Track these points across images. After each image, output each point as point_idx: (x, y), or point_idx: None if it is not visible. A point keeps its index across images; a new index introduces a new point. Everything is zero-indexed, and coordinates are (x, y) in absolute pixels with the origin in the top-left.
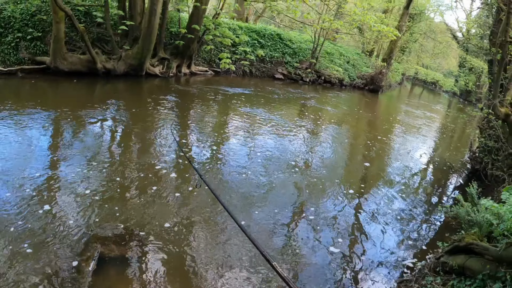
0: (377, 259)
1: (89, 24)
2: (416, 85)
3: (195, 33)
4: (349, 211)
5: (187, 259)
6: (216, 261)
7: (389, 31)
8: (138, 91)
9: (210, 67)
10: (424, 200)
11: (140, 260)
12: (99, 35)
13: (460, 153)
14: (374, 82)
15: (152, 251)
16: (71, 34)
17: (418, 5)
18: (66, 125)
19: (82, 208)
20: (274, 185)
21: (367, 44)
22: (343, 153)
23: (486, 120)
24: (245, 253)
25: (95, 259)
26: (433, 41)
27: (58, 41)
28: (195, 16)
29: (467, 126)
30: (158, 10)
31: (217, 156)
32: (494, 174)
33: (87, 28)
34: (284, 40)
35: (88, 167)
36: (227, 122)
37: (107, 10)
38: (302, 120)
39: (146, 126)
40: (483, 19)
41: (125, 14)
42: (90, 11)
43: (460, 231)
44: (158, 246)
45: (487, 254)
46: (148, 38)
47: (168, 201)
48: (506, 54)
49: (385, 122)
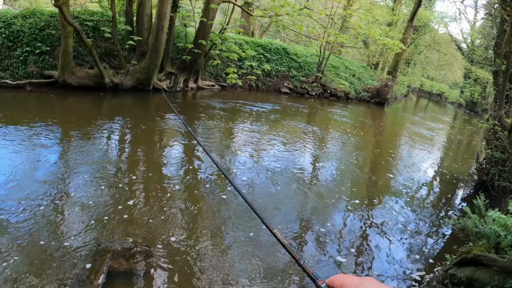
0: (384, 272)
1: (97, 39)
2: (422, 97)
3: (202, 48)
4: (356, 224)
5: (195, 274)
6: (224, 276)
7: (394, 44)
8: (145, 105)
9: (216, 81)
10: (431, 212)
11: (148, 274)
12: (107, 50)
13: (466, 164)
14: (380, 95)
15: (160, 266)
16: (79, 49)
17: (422, 18)
18: (74, 139)
19: (91, 222)
20: (280, 198)
21: (372, 57)
22: (350, 165)
23: (492, 131)
24: (254, 266)
25: (105, 272)
26: (438, 53)
27: (66, 55)
28: (202, 31)
29: (474, 137)
30: (165, 26)
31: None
32: (501, 185)
33: (95, 42)
34: (290, 54)
35: (96, 182)
36: (234, 136)
37: (115, 25)
38: (308, 133)
39: (153, 140)
40: (487, 30)
41: (132, 30)
42: (98, 26)
43: (468, 243)
44: (167, 261)
45: (495, 265)
46: (155, 53)
47: (176, 215)
48: (510, 64)
49: (392, 134)
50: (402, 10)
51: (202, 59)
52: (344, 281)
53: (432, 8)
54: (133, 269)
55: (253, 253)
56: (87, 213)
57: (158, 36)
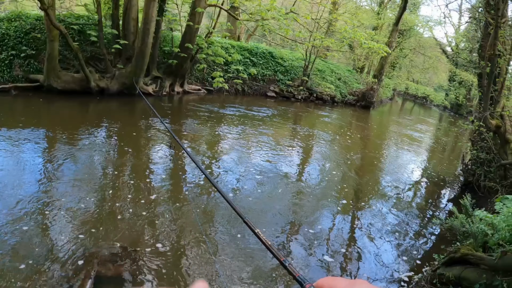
0: (373, 274)
1: (83, 42)
2: (407, 100)
3: (188, 52)
4: (344, 225)
5: (183, 278)
6: (212, 279)
7: (379, 48)
8: (131, 110)
9: (203, 85)
10: (418, 213)
11: (136, 279)
12: (92, 54)
13: (452, 165)
14: (366, 98)
15: (148, 270)
16: (65, 53)
17: (407, 21)
18: (59, 144)
19: (77, 228)
20: (268, 202)
21: (358, 60)
22: (337, 168)
23: (477, 133)
24: (240, 268)
25: (92, 277)
26: (423, 56)
27: (52, 59)
28: (188, 35)
29: (459, 139)
30: (151, 30)
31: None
32: (487, 186)
33: (81, 46)
34: (276, 58)
35: (81, 187)
36: (221, 140)
37: (101, 29)
38: (295, 137)
39: (139, 145)
40: (471, 33)
41: (118, 33)
42: (84, 30)
43: (455, 243)
44: (155, 265)
45: (483, 264)
46: (141, 57)
47: (164, 219)
48: (495, 67)
49: (378, 137)
50: (388, 14)
51: (188, 63)
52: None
53: (417, 12)
54: (121, 274)
55: (241, 256)
56: (73, 218)
57: (144, 40)
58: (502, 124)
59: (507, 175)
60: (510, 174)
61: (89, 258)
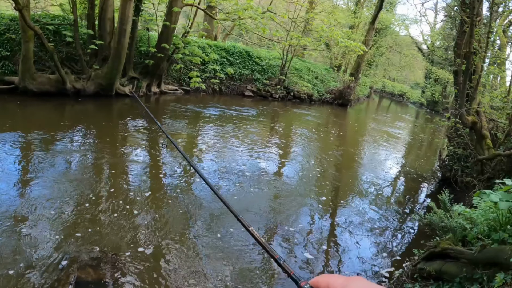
0: (354, 270)
1: (58, 43)
2: (384, 97)
3: (165, 52)
4: (322, 224)
5: (165, 280)
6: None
7: (356, 46)
8: (107, 112)
9: (180, 85)
10: (397, 209)
11: (117, 283)
12: (68, 55)
13: (430, 162)
14: (343, 96)
15: (129, 274)
16: (40, 54)
17: (383, 20)
18: (35, 147)
19: (56, 233)
20: (247, 201)
21: (335, 59)
22: (315, 166)
23: (454, 129)
24: (221, 271)
25: (72, 283)
26: (399, 54)
27: (26, 60)
28: (165, 35)
29: (435, 136)
30: (128, 30)
31: (190, 174)
32: (464, 181)
33: (57, 47)
34: (253, 58)
35: (59, 192)
36: (198, 140)
37: (77, 29)
38: (272, 136)
39: (116, 147)
40: (447, 32)
41: (94, 34)
42: (59, 30)
43: (435, 238)
44: (135, 268)
45: (463, 257)
46: (117, 57)
47: (144, 221)
48: (470, 64)
49: (355, 135)
50: (364, 13)
51: (165, 63)
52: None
53: (393, 11)
54: (101, 278)
55: (223, 256)
56: (51, 223)
57: (121, 40)
58: (478, 120)
59: (484, 170)
60: (486, 169)
61: (68, 264)
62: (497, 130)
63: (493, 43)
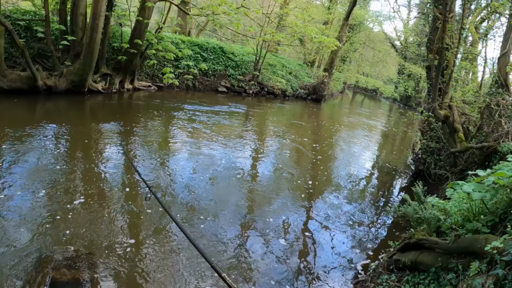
0: (330, 264)
1: (29, 39)
2: (358, 93)
3: (138, 48)
4: (298, 219)
5: (139, 278)
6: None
7: (330, 42)
8: (80, 109)
9: (153, 82)
10: (372, 203)
11: (93, 282)
12: (39, 51)
13: (403, 155)
14: (317, 91)
15: (104, 272)
16: (11, 50)
17: (357, 16)
18: (6, 146)
19: (29, 233)
20: (221, 199)
21: (309, 55)
22: (289, 162)
23: (426, 123)
24: (196, 268)
25: (47, 284)
26: (373, 50)
27: None
28: (138, 30)
29: (409, 130)
30: (100, 25)
31: (165, 172)
32: (437, 173)
33: (28, 43)
34: (227, 53)
35: (31, 190)
36: (172, 138)
37: (48, 24)
38: (246, 132)
39: (89, 145)
40: (420, 28)
41: (66, 29)
42: (30, 26)
43: (410, 229)
44: (110, 267)
45: (438, 247)
46: (90, 53)
47: (118, 220)
48: (442, 59)
49: (329, 130)
50: (338, 9)
51: (138, 59)
52: None
53: (367, 7)
54: (77, 278)
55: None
56: (24, 223)
57: (93, 36)
58: (451, 114)
59: (457, 163)
60: (459, 161)
61: (43, 264)
62: (469, 124)
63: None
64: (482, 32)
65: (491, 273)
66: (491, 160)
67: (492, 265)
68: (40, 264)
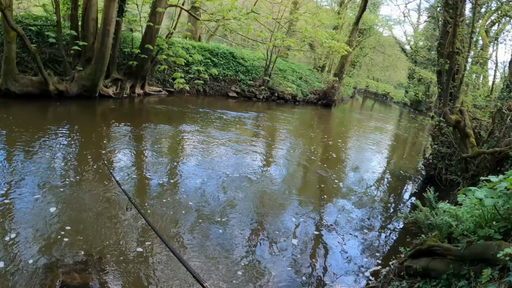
0: (341, 270)
1: (41, 44)
2: (368, 97)
3: (149, 53)
4: (309, 224)
5: (149, 283)
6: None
7: (340, 47)
8: (91, 114)
9: (164, 87)
10: (383, 208)
11: (103, 287)
12: (51, 56)
13: (414, 160)
14: (327, 96)
15: (114, 278)
16: (23, 55)
17: (367, 21)
18: (17, 150)
19: (40, 237)
20: (232, 203)
21: (319, 59)
22: (300, 167)
23: (437, 128)
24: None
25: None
26: (383, 55)
27: (9, 62)
28: (148, 36)
29: (419, 135)
30: (111, 31)
31: (175, 177)
32: (448, 179)
33: (39, 48)
34: (237, 58)
35: (42, 196)
36: (183, 143)
37: (60, 30)
38: (257, 137)
39: (99, 150)
40: (430, 32)
41: (78, 34)
42: (42, 31)
43: (421, 235)
44: (120, 272)
45: (450, 254)
46: (101, 58)
47: (128, 225)
48: (453, 64)
49: (340, 135)
50: (348, 13)
51: (149, 64)
52: None
53: (377, 12)
54: (87, 282)
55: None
56: (35, 228)
57: (104, 41)
58: (462, 119)
59: (468, 168)
60: (471, 167)
61: (53, 268)
62: (480, 129)
63: (475, 43)
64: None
65: (504, 280)
66: (503, 165)
67: (504, 272)
68: (50, 267)
